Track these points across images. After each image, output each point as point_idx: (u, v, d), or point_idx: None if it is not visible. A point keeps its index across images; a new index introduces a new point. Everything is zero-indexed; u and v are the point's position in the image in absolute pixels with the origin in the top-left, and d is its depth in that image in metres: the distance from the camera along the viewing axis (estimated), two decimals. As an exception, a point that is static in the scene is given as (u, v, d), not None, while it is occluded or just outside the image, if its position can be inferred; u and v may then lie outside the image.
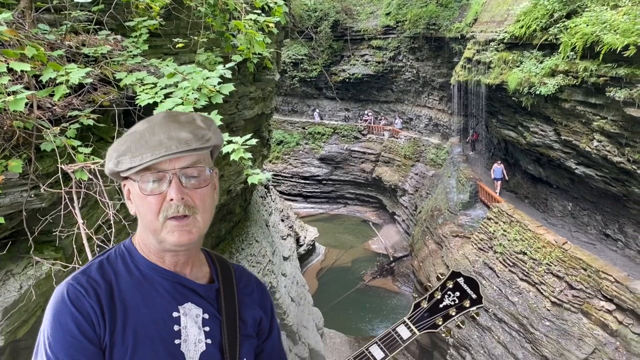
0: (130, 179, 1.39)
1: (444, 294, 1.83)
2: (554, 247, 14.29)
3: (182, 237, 1.38)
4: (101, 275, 1.41)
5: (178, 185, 1.36)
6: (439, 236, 20.13)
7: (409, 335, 1.73)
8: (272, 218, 20.07)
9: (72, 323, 1.31)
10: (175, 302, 1.46)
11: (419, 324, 1.77)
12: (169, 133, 1.36)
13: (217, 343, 1.49)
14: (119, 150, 1.37)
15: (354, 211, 37.06)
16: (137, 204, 1.40)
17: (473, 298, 1.82)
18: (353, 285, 26.76)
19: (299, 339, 17.12)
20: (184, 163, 1.37)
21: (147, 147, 1.34)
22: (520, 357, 13.75)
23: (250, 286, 1.68)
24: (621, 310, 12.03)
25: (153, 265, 1.47)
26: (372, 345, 1.67)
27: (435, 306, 1.81)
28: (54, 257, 4.14)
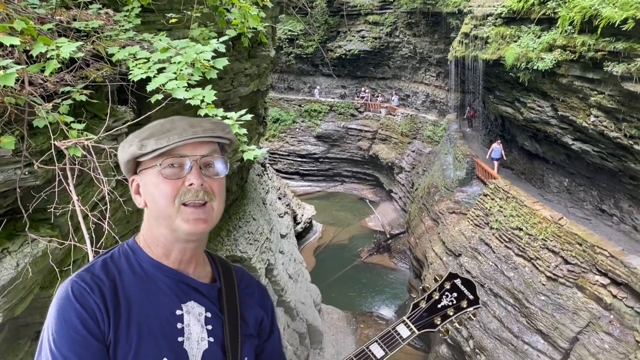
0: (145, 168, 1.42)
1: (442, 294, 1.87)
2: (550, 222, 14.37)
3: (197, 225, 1.39)
4: (105, 273, 1.42)
5: (198, 171, 1.40)
6: (435, 213, 20.21)
7: (408, 334, 1.76)
8: (269, 196, 20.09)
9: (76, 319, 1.32)
10: (178, 300, 1.47)
11: (418, 323, 1.80)
12: (191, 122, 1.42)
13: (220, 342, 1.50)
14: (141, 136, 1.40)
15: (351, 189, 37.13)
16: (151, 191, 1.41)
17: (470, 299, 1.86)
18: (350, 262, 26.96)
19: (297, 314, 17.30)
20: (205, 151, 1.42)
21: (173, 131, 1.38)
22: (516, 331, 13.93)
23: (251, 287, 1.69)
24: (615, 284, 12.16)
25: (157, 263, 1.47)
26: (373, 344, 1.70)
27: (434, 306, 1.84)
28: (50, 235, 4.13)
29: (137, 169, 1.46)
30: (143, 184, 1.44)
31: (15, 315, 4.05)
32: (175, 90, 3.43)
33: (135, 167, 1.46)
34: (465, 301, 1.85)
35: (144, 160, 1.42)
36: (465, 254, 16.63)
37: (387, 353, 1.68)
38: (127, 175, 1.50)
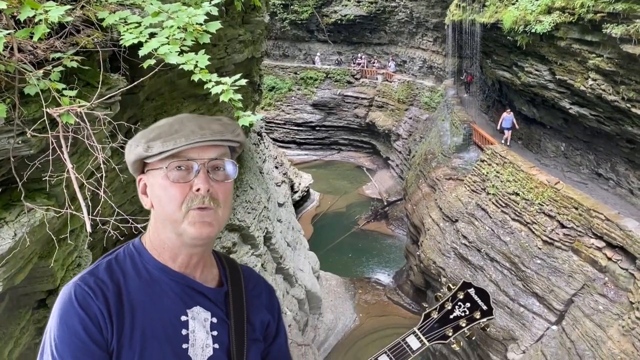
0: (152, 169, 1.38)
1: (455, 304, 1.81)
2: (547, 187, 14.43)
3: (203, 229, 1.36)
4: (109, 276, 1.39)
5: (206, 175, 1.36)
6: (432, 179, 20.25)
7: (418, 346, 1.73)
8: (265, 165, 20.06)
9: (79, 325, 1.30)
10: (183, 306, 1.44)
11: (429, 335, 1.76)
12: (200, 124, 1.37)
13: (225, 348, 1.47)
14: (148, 137, 1.36)
15: (348, 157, 37.09)
16: (158, 194, 1.37)
17: (484, 309, 1.81)
18: (348, 230, 27.15)
19: (296, 281, 17.50)
20: (213, 154, 1.38)
21: (180, 134, 1.33)
22: (512, 294, 14.15)
23: (258, 288, 1.66)
24: (611, 247, 12.29)
25: (163, 267, 1.44)
26: (382, 356, 1.67)
27: (446, 317, 1.79)
28: (46, 205, 4.12)
29: (145, 169, 1.42)
30: (150, 184, 1.41)
31: (15, 284, 4.08)
32: (168, 55, 3.35)
33: (143, 167, 1.42)
34: (479, 312, 1.80)
35: (150, 162, 1.38)
36: (462, 219, 16.73)
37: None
38: (135, 174, 1.46)
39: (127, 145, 1.44)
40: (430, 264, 17.18)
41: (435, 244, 17.41)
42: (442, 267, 16.59)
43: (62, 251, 4.91)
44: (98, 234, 7.33)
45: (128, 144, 1.43)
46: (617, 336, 10.97)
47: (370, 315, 20.43)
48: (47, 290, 4.92)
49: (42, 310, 4.92)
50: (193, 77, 3.47)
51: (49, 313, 4.34)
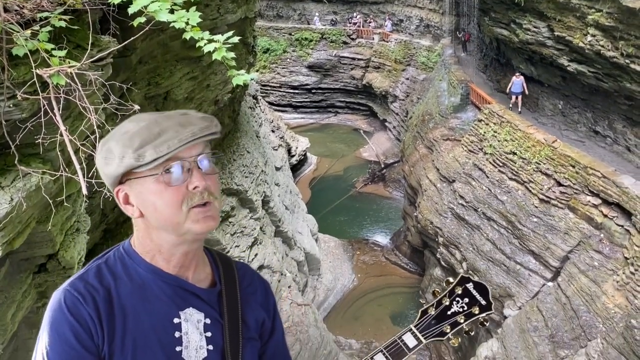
0: (137, 177, 1.32)
1: (453, 300, 1.77)
2: (544, 145, 14.41)
3: (207, 223, 1.35)
4: (99, 280, 1.36)
5: (199, 172, 1.34)
6: (429, 140, 20.19)
7: (415, 344, 1.69)
8: (262, 129, 19.94)
9: (69, 332, 1.28)
10: (176, 308, 1.42)
11: (425, 332, 1.72)
12: (179, 122, 1.33)
13: (219, 349, 1.46)
14: (133, 146, 1.29)
15: (345, 120, 36.87)
16: (153, 200, 1.33)
17: (482, 304, 1.76)
18: (345, 193, 27.25)
19: (295, 244, 17.66)
20: (199, 149, 1.36)
21: (167, 135, 1.29)
22: (508, 252, 14.32)
23: (253, 285, 1.64)
24: (607, 204, 12.38)
25: (154, 269, 1.42)
26: (377, 354, 1.64)
27: (443, 313, 1.75)
28: (41, 169, 4.09)
29: (124, 179, 1.35)
30: (136, 193, 1.35)
31: (15, 248, 4.09)
32: (158, 12, 3.26)
33: (122, 177, 1.35)
34: (477, 307, 1.75)
35: (137, 172, 1.32)
36: (459, 179, 16.78)
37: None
38: (111, 187, 1.39)
39: (100, 158, 1.35)
40: (428, 224, 17.32)
41: (433, 204, 17.50)
42: (439, 227, 16.73)
43: (60, 216, 4.91)
44: (95, 199, 7.33)
45: (102, 157, 1.34)
46: (612, 291, 11.17)
47: (369, 276, 20.74)
48: (47, 255, 4.95)
49: (43, 275, 4.95)
50: (184, 35, 3.38)
51: (50, 277, 4.38)
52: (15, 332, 4.60)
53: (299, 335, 14.05)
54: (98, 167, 1.38)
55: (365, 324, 18.30)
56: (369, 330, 17.97)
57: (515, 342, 12.66)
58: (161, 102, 9.24)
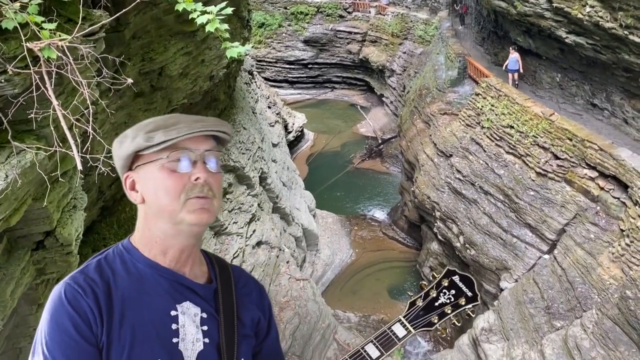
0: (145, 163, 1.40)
1: (440, 292, 1.82)
2: (541, 119, 14.36)
3: (202, 214, 1.39)
4: (99, 274, 1.40)
5: (203, 165, 1.41)
6: (426, 115, 20.10)
7: (404, 334, 1.73)
8: (258, 105, 19.81)
9: (69, 323, 1.31)
10: (173, 301, 1.45)
11: (414, 322, 1.76)
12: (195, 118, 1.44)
13: (215, 343, 1.48)
14: (146, 129, 1.38)
15: (342, 95, 36.64)
16: (155, 185, 1.39)
17: (468, 296, 1.82)
18: (343, 169, 27.25)
19: (293, 220, 17.73)
20: (208, 146, 1.43)
21: (179, 125, 1.38)
22: (505, 225, 14.40)
23: (248, 286, 1.66)
24: (603, 176, 12.40)
25: (152, 263, 1.45)
26: (368, 344, 1.67)
27: (431, 304, 1.80)
28: (35, 146, 4.06)
29: (134, 165, 1.43)
30: (141, 179, 1.42)
31: (11, 225, 4.09)
32: (150, -17, 3.20)
33: (132, 163, 1.43)
34: (464, 298, 1.82)
35: (146, 154, 1.39)
36: (457, 154, 16.76)
37: (383, 353, 1.66)
38: (122, 172, 1.47)
39: (115, 142, 1.45)
40: (425, 199, 17.37)
41: (430, 179, 17.52)
42: (436, 201, 16.78)
43: (56, 193, 4.90)
44: (92, 176, 7.30)
45: (117, 140, 1.44)
46: (607, 263, 11.27)
47: (366, 250, 20.89)
48: (44, 232, 4.95)
49: (41, 252, 4.96)
50: (177, 6, 3.33)
51: (48, 254, 4.39)
52: (14, 308, 4.63)
53: (298, 309, 14.21)
54: (113, 153, 1.46)
55: (363, 297, 18.50)
56: (366, 304, 18.18)
57: (511, 313, 12.83)
58: (156, 77, 9.14)
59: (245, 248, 13.96)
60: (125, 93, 8.21)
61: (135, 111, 8.77)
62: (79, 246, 5.65)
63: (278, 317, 13.69)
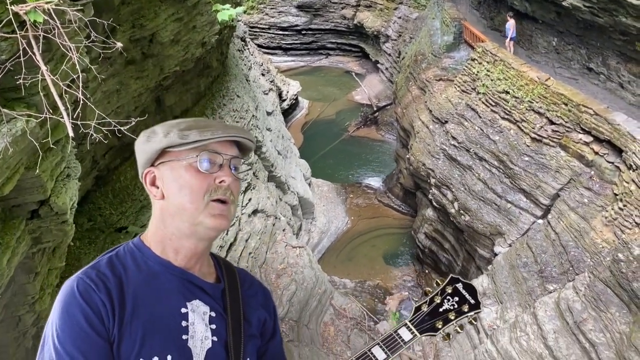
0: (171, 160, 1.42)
1: (444, 298, 1.87)
2: (537, 84, 14.28)
3: (221, 220, 1.42)
4: (111, 269, 1.41)
5: (229, 170, 1.45)
6: (422, 81, 19.94)
7: (410, 337, 1.77)
8: (251, 73, 19.57)
9: (81, 316, 1.32)
10: (183, 299, 1.47)
11: (420, 327, 1.81)
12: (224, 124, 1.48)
13: (223, 341, 1.50)
14: (179, 127, 1.42)
15: (336, 62, 36.23)
16: (180, 183, 1.41)
17: (471, 303, 1.87)
18: (338, 137, 27.15)
19: (288, 188, 17.75)
20: (235, 152, 1.47)
21: (212, 128, 1.42)
22: (499, 191, 14.47)
23: (253, 288, 1.69)
24: (598, 141, 12.41)
25: (163, 261, 1.47)
26: (375, 347, 1.70)
27: (435, 310, 1.85)
28: (26, 113, 4.00)
29: (157, 161, 1.46)
30: (165, 176, 1.44)
31: (5, 194, 4.06)
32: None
33: (155, 160, 1.46)
34: (467, 305, 1.86)
35: (175, 151, 1.42)
36: (452, 120, 16.71)
37: (389, 356, 1.69)
38: (144, 166, 1.49)
39: (141, 138, 1.47)
40: (420, 166, 17.39)
41: (425, 146, 17.50)
42: (432, 168, 16.80)
43: (49, 162, 4.86)
44: (85, 145, 7.25)
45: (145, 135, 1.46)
46: (600, 227, 11.39)
47: (362, 218, 21.02)
48: (38, 201, 4.93)
49: (36, 221, 4.96)
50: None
51: (43, 223, 4.37)
52: (12, 277, 4.65)
53: (295, 276, 14.37)
54: (136, 149, 1.48)
55: (359, 264, 18.71)
56: (362, 270, 18.41)
57: (505, 277, 13.02)
58: (147, 45, 8.99)
59: (241, 216, 14.01)
60: (116, 60, 8.09)
61: (127, 79, 8.66)
62: (74, 215, 5.65)
63: (275, 284, 13.86)
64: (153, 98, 10.56)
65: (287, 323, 13.33)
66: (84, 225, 8.69)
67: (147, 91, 9.75)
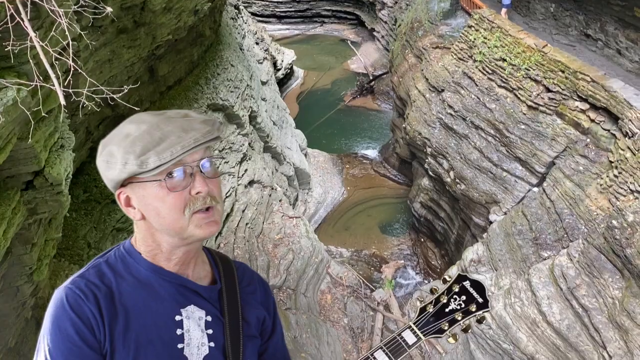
0: (142, 182, 1.31)
1: (450, 297, 1.79)
2: (534, 51, 14.13)
3: (211, 228, 1.36)
4: (100, 278, 1.37)
5: (202, 177, 1.34)
6: (418, 49, 19.71)
7: (414, 341, 1.70)
8: (245, 41, 19.29)
9: (71, 329, 1.28)
10: (177, 305, 1.43)
11: (424, 329, 1.74)
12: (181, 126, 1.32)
13: (220, 346, 1.46)
14: (135, 152, 1.28)
15: (332, 30, 35.74)
16: (155, 205, 1.33)
17: (479, 302, 1.78)
18: (334, 107, 26.99)
19: (284, 159, 17.72)
20: (202, 154, 1.35)
21: (169, 141, 1.28)
22: (495, 159, 14.48)
23: (252, 285, 1.63)
24: (594, 108, 12.37)
25: (155, 267, 1.42)
26: (377, 351, 1.65)
27: (441, 310, 1.77)
28: (16, 81, 3.93)
29: (126, 182, 1.34)
30: (139, 196, 1.35)
31: (-2, 164, 4.04)
32: None
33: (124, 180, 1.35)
34: (474, 305, 1.78)
35: (140, 177, 1.31)
36: (448, 89, 16.59)
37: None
38: (114, 189, 1.38)
39: (102, 161, 1.34)
40: (416, 135, 17.34)
41: (421, 115, 17.42)
42: (428, 137, 16.77)
43: (42, 132, 4.82)
44: (78, 116, 7.18)
45: (104, 161, 1.33)
46: (595, 194, 11.45)
47: (358, 188, 21.08)
48: (33, 172, 4.90)
49: (31, 192, 4.94)
50: None
51: (38, 194, 4.35)
52: (9, 247, 4.65)
53: (291, 245, 14.47)
54: (99, 170, 1.37)
55: (355, 233, 18.85)
56: (358, 240, 18.55)
57: (500, 245, 13.15)
58: (138, 12, 8.81)
59: (237, 187, 14.02)
60: (108, 29, 7.94)
61: (119, 48, 8.51)
62: (69, 187, 5.63)
63: (272, 254, 13.97)
64: (146, 68, 10.42)
65: (285, 291, 13.49)
66: (80, 197, 8.68)
67: (140, 61, 9.61)
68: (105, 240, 8.88)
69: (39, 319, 6.09)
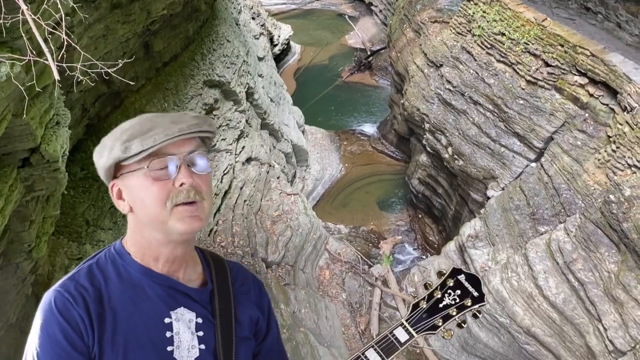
0: (129, 172, 1.33)
1: (444, 292, 1.74)
2: (533, 25, 13.98)
3: (192, 223, 1.34)
4: (90, 281, 1.36)
5: (187, 169, 1.34)
6: (417, 23, 19.48)
7: (406, 338, 1.65)
8: (241, 16, 19.02)
9: (60, 333, 1.27)
10: (167, 308, 1.41)
11: (417, 326, 1.68)
12: (171, 119, 1.34)
13: (212, 348, 1.44)
14: (122, 138, 1.31)
15: (329, 4, 35.28)
16: (140, 195, 1.33)
17: (475, 296, 1.73)
18: (331, 83, 26.79)
19: (282, 136, 17.66)
20: (191, 147, 1.35)
21: (156, 130, 1.30)
22: (493, 135, 14.46)
23: (246, 285, 1.60)
24: (593, 83, 12.30)
25: (144, 269, 1.41)
26: (368, 350, 1.60)
27: (435, 306, 1.72)
28: (9, 55, 3.88)
29: (118, 173, 1.36)
30: (127, 187, 1.36)
31: (-7, 141, 4.01)
32: None
33: (115, 171, 1.37)
34: (470, 299, 1.73)
35: (126, 164, 1.33)
36: (447, 64, 16.45)
37: (384, 359, 1.59)
38: (107, 181, 1.40)
39: (95, 152, 1.38)
40: (414, 111, 17.26)
41: (419, 90, 17.31)
42: (426, 113, 16.70)
43: (37, 109, 4.78)
44: (73, 93, 7.11)
45: (96, 150, 1.37)
46: (593, 169, 11.47)
47: (356, 165, 21.07)
48: (29, 149, 4.87)
49: (28, 169, 4.92)
50: None
51: (35, 171, 4.32)
52: (7, 225, 4.65)
53: (290, 222, 14.52)
54: (95, 164, 1.40)
55: (353, 210, 18.91)
56: (356, 216, 18.63)
57: (497, 220, 13.21)
58: (132, -12, 8.66)
59: (235, 164, 13.99)
60: (102, 4, 7.82)
61: (113, 24, 8.39)
62: (66, 164, 5.60)
63: (270, 230, 14.03)
64: (141, 44, 10.28)
65: (284, 267, 13.58)
66: (77, 174, 8.65)
67: (135, 36, 9.48)
68: (104, 217, 8.89)
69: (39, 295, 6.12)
